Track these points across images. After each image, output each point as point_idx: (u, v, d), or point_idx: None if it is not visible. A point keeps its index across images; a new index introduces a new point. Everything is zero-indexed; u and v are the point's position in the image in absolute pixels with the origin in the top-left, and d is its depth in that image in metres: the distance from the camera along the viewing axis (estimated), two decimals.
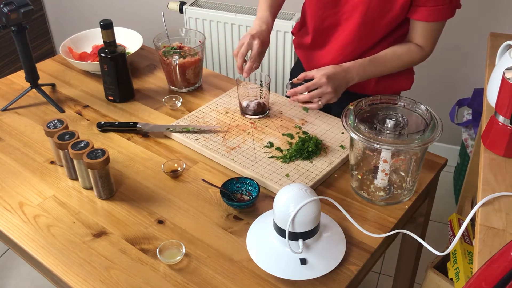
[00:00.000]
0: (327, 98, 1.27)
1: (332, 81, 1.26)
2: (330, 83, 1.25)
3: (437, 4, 1.27)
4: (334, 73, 1.27)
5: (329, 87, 1.25)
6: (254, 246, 1.05)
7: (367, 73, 1.33)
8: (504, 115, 1.09)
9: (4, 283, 2.08)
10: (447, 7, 1.28)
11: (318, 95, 1.26)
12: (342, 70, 1.29)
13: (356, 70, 1.30)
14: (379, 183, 1.17)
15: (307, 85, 1.26)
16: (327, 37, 1.44)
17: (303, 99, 1.28)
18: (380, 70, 1.36)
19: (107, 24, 1.44)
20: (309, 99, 1.27)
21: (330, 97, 1.28)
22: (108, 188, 1.19)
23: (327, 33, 1.43)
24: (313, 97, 1.27)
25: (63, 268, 1.04)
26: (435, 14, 1.28)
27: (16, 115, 1.52)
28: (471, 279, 0.76)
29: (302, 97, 1.27)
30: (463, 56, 2.29)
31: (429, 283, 1.63)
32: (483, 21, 2.16)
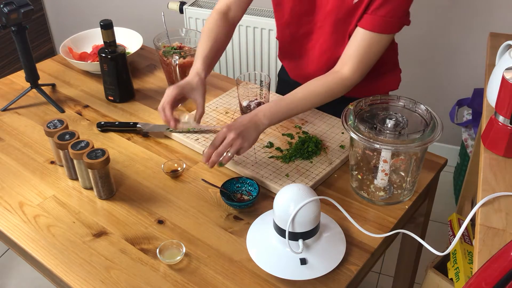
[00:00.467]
0: (236, 146, 1.17)
1: (234, 128, 1.18)
2: (232, 130, 1.17)
3: (385, 14, 1.22)
4: (234, 121, 1.20)
5: (232, 133, 1.17)
6: (254, 246, 1.05)
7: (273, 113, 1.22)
8: (504, 115, 1.09)
9: (4, 283, 2.08)
10: (395, 20, 1.23)
11: (227, 145, 1.17)
12: (246, 116, 1.21)
13: (263, 114, 1.21)
14: (379, 183, 1.17)
15: (212, 144, 1.18)
16: (303, 46, 1.44)
17: (213, 160, 1.18)
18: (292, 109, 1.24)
19: (107, 24, 1.44)
20: (218, 156, 1.18)
21: (238, 143, 1.18)
22: (108, 188, 1.19)
23: (302, 42, 1.43)
24: (220, 152, 1.18)
25: (63, 268, 1.04)
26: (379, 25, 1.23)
27: (16, 115, 1.52)
28: (471, 279, 0.76)
29: (212, 160, 1.18)
30: (463, 56, 2.29)
31: (429, 283, 1.63)
32: (483, 21, 2.17)
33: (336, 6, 1.29)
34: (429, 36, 2.32)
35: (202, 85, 1.27)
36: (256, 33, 2.34)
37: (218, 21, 1.40)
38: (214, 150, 1.18)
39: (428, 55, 2.36)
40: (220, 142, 1.18)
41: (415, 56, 2.40)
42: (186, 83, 1.25)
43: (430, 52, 2.35)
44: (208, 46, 1.35)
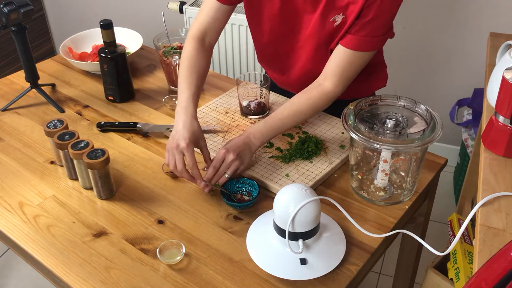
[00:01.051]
0: (234, 166, 1.19)
1: (232, 149, 1.19)
2: (231, 151, 1.19)
3: (368, 34, 1.22)
4: (230, 143, 1.21)
5: (231, 154, 1.18)
6: (254, 246, 1.05)
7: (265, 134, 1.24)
8: (504, 115, 1.09)
9: (4, 283, 2.08)
10: (378, 39, 1.24)
11: (226, 166, 1.19)
12: (240, 139, 1.22)
13: (253, 136, 1.23)
14: (379, 183, 1.17)
15: (213, 165, 1.19)
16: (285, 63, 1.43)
17: (216, 180, 1.19)
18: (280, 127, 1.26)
19: (107, 24, 1.44)
20: (217, 177, 1.19)
21: (236, 164, 1.18)
22: (108, 188, 1.19)
23: (283, 59, 1.43)
24: (220, 173, 1.19)
25: (63, 268, 1.04)
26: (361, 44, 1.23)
27: (16, 115, 1.52)
28: (471, 279, 0.76)
29: (215, 180, 1.19)
30: (463, 56, 2.29)
31: (429, 283, 1.63)
32: (483, 21, 2.17)
33: (317, 30, 1.28)
34: (429, 36, 2.32)
35: (200, 130, 1.21)
36: None
37: (197, 51, 1.33)
38: (215, 172, 1.19)
39: (428, 55, 2.36)
40: (220, 163, 1.19)
41: (415, 56, 2.40)
42: (192, 135, 1.17)
43: (430, 52, 2.35)
44: (194, 84, 1.27)
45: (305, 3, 1.26)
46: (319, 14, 1.25)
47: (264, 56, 1.49)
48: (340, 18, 1.23)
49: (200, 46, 1.35)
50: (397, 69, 2.45)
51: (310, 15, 1.27)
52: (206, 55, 1.35)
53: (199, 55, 1.33)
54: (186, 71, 1.30)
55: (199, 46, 1.34)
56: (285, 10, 1.30)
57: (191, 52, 1.33)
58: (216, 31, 1.37)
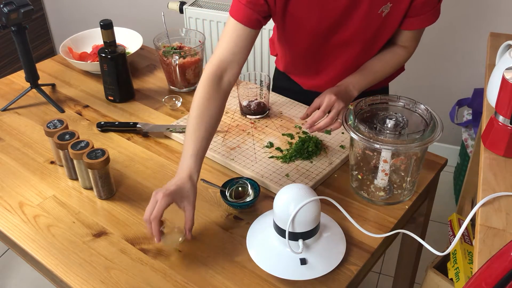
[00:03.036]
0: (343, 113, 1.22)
1: (340, 96, 1.25)
2: (340, 98, 1.24)
3: (428, 10, 1.26)
4: (338, 90, 1.26)
5: (341, 102, 1.24)
6: (254, 246, 1.05)
7: (362, 86, 1.33)
8: (504, 115, 1.09)
9: (4, 283, 2.08)
10: (436, 9, 1.28)
11: (336, 114, 1.24)
12: (341, 88, 1.28)
13: (352, 86, 1.30)
14: (379, 183, 1.17)
15: (323, 109, 1.23)
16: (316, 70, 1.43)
17: (325, 124, 1.25)
18: (374, 80, 1.35)
19: (107, 24, 1.44)
20: (330, 122, 1.24)
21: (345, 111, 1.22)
22: (108, 188, 1.19)
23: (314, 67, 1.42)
24: (333, 118, 1.24)
25: (63, 268, 1.04)
26: (427, 20, 1.29)
27: (16, 115, 1.52)
28: (471, 279, 0.76)
29: (324, 123, 1.24)
30: (463, 56, 2.29)
31: (429, 283, 1.63)
32: (483, 21, 2.17)
33: (364, 24, 1.26)
34: (429, 36, 2.31)
35: (194, 192, 1.08)
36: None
37: (210, 97, 1.16)
38: (323, 115, 1.23)
39: (428, 55, 2.36)
40: (329, 108, 1.23)
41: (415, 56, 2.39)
42: (177, 190, 1.05)
43: (430, 52, 2.35)
44: (201, 137, 1.12)
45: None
46: (366, 7, 1.22)
47: (298, 62, 1.46)
48: (388, 7, 1.23)
49: (215, 90, 1.17)
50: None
51: (356, 10, 1.24)
52: (220, 100, 1.18)
53: (211, 103, 1.16)
54: (195, 121, 1.14)
55: (213, 90, 1.17)
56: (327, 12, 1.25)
57: (202, 99, 1.16)
58: (238, 65, 1.21)
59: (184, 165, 1.10)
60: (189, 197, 1.06)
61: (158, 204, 1.02)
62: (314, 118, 1.23)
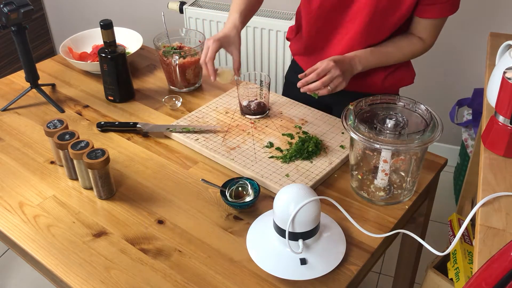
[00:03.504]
0: (337, 82, 1.27)
1: (340, 65, 1.26)
2: (338, 66, 1.26)
3: (444, 0, 1.27)
4: (340, 60, 1.29)
5: (338, 69, 1.25)
6: (254, 246, 1.05)
7: (370, 63, 1.34)
8: (504, 115, 1.09)
9: (4, 283, 2.08)
10: (452, 1, 1.28)
11: (329, 80, 1.26)
12: (345, 58, 1.31)
13: (358, 59, 1.32)
14: (379, 183, 1.17)
15: (317, 72, 1.26)
16: (328, 41, 1.43)
17: (315, 87, 1.27)
18: (382, 61, 1.37)
19: (107, 24, 1.44)
20: (320, 86, 1.26)
21: (339, 81, 1.27)
22: (108, 188, 1.19)
23: (328, 37, 1.42)
24: (324, 82, 1.26)
25: (63, 268, 1.04)
26: (445, 10, 1.29)
27: (16, 115, 1.52)
28: (471, 279, 0.76)
29: (313, 86, 1.26)
30: (463, 56, 2.29)
31: (429, 283, 1.63)
32: (483, 21, 2.17)
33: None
34: None
35: (238, 38, 1.31)
36: (256, 34, 2.34)
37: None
38: (317, 78, 1.25)
39: (428, 55, 2.36)
40: (324, 73, 1.25)
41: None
42: (224, 36, 1.28)
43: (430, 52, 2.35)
44: (244, 2, 1.38)
45: None
46: None
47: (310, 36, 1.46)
48: None
49: None
50: None
51: None
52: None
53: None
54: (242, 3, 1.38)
55: None
56: None
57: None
58: None
59: (230, 19, 1.34)
60: (235, 43, 1.30)
61: (210, 48, 1.27)
62: (307, 78, 1.27)
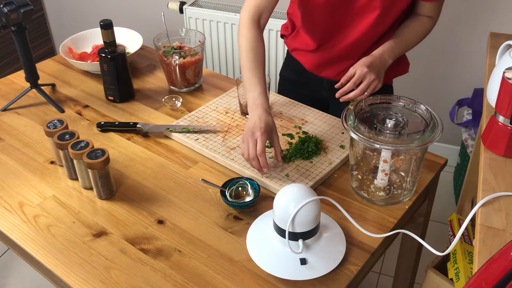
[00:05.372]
0: (373, 86, 1.28)
1: (373, 68, 1.28)
2: (372, 71, 1.27)
3: None
4: (371, 62, 1.29)
5: (372, 74, 1.27)
6: (254, 246, 1.05)
7: (396, 53, 1.36)
8: (504, 115, 1.09)
9: (4, 283, 2.08)
10: None
11: (366, 86, 1.27)
12: (376, 58, 1.31)
13: (387, 54, 1.33)
14: (379, 183, 1.17)
15: (353, 81, 1.27)
16: (336, 36, 1.41)
17: (354, 95, 1.28)
18: (405, 48, 1.39)
19: (107, 24, 1.44)
20: (360, 93, 1.28)
21: (375, 84, 1.29)
22: (108, 188, 1.19)
23: (336, 32, 1.41)
24: (362, 90, 1.28)
25: (63, 268, 1.04)
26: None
27: (16, 115, 1.52)
28: (471, 279, 0.76)
29: (353, 95, 1.28)
30: (463, 56, 2.29)
31: (429, 283, 1.63)
32: (483, 21, 2.17)
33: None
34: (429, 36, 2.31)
35: (274, 124, 1.23)
36: None
37: (258, 39, 1.31)
38: (353, 86, 1.26)
39: (428, 55, 2.36)
40: (360, 80, 1.26)
41: (415, 56, 2.40)
42: (267, 126, 1.20)
43: (430, 52, 2.35)
44: (261, 77, 1.28)
45: None
46: None
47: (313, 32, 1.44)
48: None
49: (258, 31, 1.32)
50: None
51: None
52: (263, 40, 1.33)
53: (259, 43, 1.31)
54: (252, 64, 1.28)
55: (258, 32, 1.32)
56: None
57: (252, 41, 1.30)
58: (271, 9, 1.34)
59: (258, 103, 1.24)
60: (274, 129, 1.23)
61: (260, 142, 1.18)
62: (345, 88, 1.29)
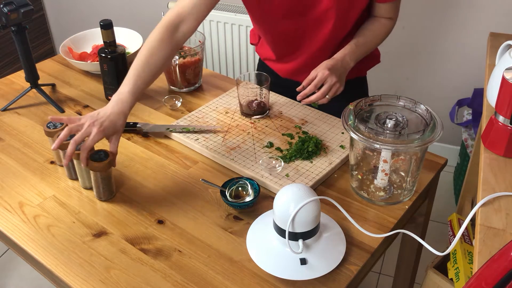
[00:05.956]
0: (335, 89, 1.30)
1: (334, 71, 1.28)
2: (333, 73, 1.28)
3: None
4: (333, 65, 1.30)
5: (334, 77, 1.27)
6: (254, 246, 1.05)
7: (357, 56, 1.37)
8: (504, 115, 1.09)
9: (4, 283, 2.08)
10: None
11: (328, 89, 1.28)
12: (337, 61, 1.32)
13: (349, 57, 1.34)
14: (379, 183, 1.17)
15: (315, 83, 1.28)
16: (298, 46, 1.45)
17: (316, 98, 1.29)
18: (366, 50, 1.39)
19: (107, 24, 1.44)
20: (321, 96, 1.29)
21: (337, 87, 1.30)
22: (108, 190, 1.19)
23: (295, 43, 1.44)
24: (324, 93, 1.28)
25: (63, 268, 1.04)
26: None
27: (16, 115, 1.52)
28: (471, 279, 0.76)
29: (314, 98, 1.29)
30: (463, 56, 2.29)
31: (429, 283, 1.63)
32: (483, 21, 2.17)
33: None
34: (429, 36, 2.32)
35: (123, 127, 1.16)
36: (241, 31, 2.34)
37: (161, 44, 1.22)
38: (314, 89, 1.26)
39: (428, 55, 2.36)
40: (321, 83, 1.26)
41: (415, 56, 2.40)
42: (110, 125, 1.12)
43: (430, 52, 2.35)
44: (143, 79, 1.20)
45: None
46: None
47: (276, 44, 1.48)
48: None
49: (168, 37, 1.23)
50: (397, 69, 2.45)
51: None
52: (171, 49, 1.23)
53: (161, 49, 1.22)
54: (140, 63, 1.20)
55: (167, 37, 1.22)
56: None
57: (153, 43, 1.22)
58: (197, 18, 1.25)
59: (120, 100, 1.16)
60: (118, 132, 1.15)
61: (92, 138, 1.10)
62: (306, 91, 1.29)
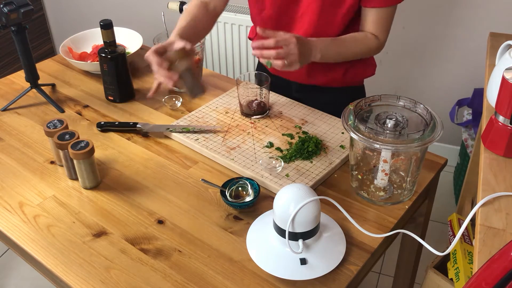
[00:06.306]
0: (292, 59, 1.21)
1: (300, 44, 1.22)
2: (298, 44, 1.21)
3: None
4: (303, 40, 1.25)
5: (296, 48, 1.20)
6: (254, 246, 1.05)
7: (329, 52, 1.33)
8: (504, 115, 1.09)
9: (4, 283, 2.08)
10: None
11: (284, 53, 1.20)
12: (309, 42, 1.29)
13: (319, 46, 1.30)
14: (379, 183, 1.17)
15: (276, 39, 1.20)
16: None
17: (268, 55, 1.20)
18: (340, 52, 1.37)
19: (107, 24, 1.44)
20: (275, 56, 1.20)
21: (294, 60, 1.21)
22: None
23: None
24: (279, 54, 1.20)
25: (63, 268, 1.04)
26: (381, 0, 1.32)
27: (16, 115, 1.52)
28: (471, 279, 0.76)
29: (267, 53, 1.20)
30: (463, 56, 2.29)
31: (429, 283, 1.63)
32: (483, 21, 2.17)
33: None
34: (429, 36, 2.32)
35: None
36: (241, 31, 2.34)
37: (198, 7, 1.40)
38: (274, 44, 1.20)
39: (428, 55, 2.37)
40: (283, 44, 1.20)
41: (415, 56, 2.40)
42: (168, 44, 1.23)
43: (430, 52, 2.35)
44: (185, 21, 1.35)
45: None
46: None
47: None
48: None
49: (202, 6, 1.40)
50: (397, 69, 2.46)
51: None
52: (206, 14, 1.39)
53: (198, 10, 1.39)
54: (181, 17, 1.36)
55: (201, 5, 1.40)
56: None
57: (191, 7, 1.39)
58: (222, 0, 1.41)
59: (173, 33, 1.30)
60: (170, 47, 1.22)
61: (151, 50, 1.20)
62: (264, 43, 1.20)
